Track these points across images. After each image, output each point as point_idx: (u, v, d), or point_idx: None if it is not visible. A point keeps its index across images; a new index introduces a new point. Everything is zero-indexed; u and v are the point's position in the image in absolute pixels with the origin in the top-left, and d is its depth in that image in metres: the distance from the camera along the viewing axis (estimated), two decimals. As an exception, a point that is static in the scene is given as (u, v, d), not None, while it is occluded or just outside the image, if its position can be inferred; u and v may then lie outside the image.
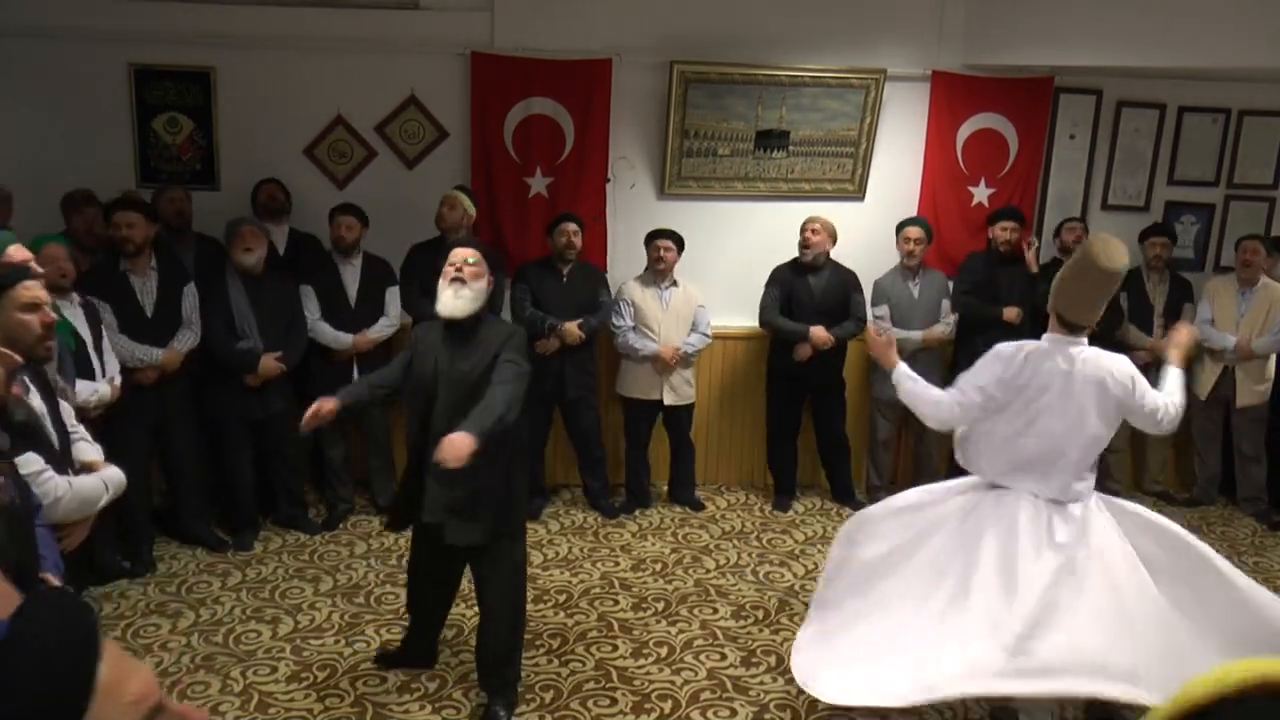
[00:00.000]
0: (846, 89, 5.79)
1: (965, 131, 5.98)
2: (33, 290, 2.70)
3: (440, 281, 3.55)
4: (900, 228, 5.76)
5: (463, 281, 3.50)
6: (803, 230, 5.59)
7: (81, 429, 3.11)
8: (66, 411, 3.03)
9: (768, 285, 5.67)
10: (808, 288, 5.61)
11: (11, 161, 5.18)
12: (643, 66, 5.65)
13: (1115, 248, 3.26)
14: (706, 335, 5.66)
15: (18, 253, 3.20)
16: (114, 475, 2.98)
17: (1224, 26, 5.20)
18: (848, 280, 5.66)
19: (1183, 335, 3.58)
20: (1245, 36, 5.17)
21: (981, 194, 6.06)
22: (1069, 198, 6.21)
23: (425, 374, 3.53)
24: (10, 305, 2.64)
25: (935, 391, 3.47)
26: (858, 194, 6.03)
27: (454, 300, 3.51)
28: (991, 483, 3.48)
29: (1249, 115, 6.19)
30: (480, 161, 5.66)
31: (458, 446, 3.07)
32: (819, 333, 5.50)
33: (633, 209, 5.88)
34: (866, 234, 5.86)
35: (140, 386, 4.62)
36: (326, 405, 3.49)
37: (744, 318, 5.85)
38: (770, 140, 5.85)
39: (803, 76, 5.73)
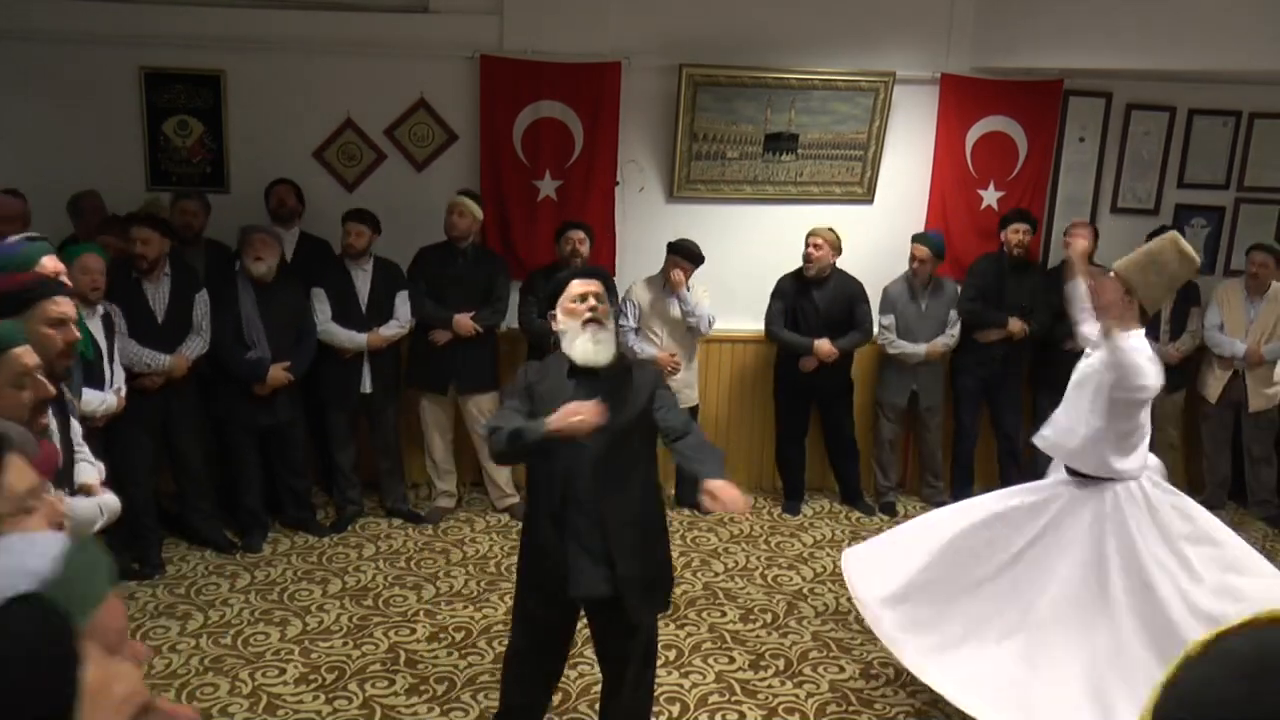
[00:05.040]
0: (855, 92, 5.78)
1: (974, 134, 5.97)
2: (61, 306, 2.71)
3: (567, 322, 3.07)
4: (912, 241, 5.73)
5: (599, 323, 3.05)
6: (805, 244, 5.55)
7: (85, 449, 3.07)
8: (75, 431, 3.01)
9: (773, 297, 5.65)
10: (811, 300, 5.58)
11: (22, 164, 5.19)
12: (652, 70, 5.65)
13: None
14: (711, 319, 5.53)
15: (51, 264, 3.18)
16: (110, 502, 2.90)
17: (1234, 29, 5.18)
18: (853, 291, 5.61)
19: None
20: (1256, 39, 5.15)
21: (991, 197, 6.04)
22: (1078, 201, 6.19)
23: None
24: (38, 319, 2.64)
25: None
26: (867, 197, 6.01)
27: (593, 347, 3.03)
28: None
29: (1259, 118, 6.16)
30: (489, 165, 5.67)
31: (737, 496, 2.97)
32: (823, 346, 5.49)
33: (642, 212, 5.88)
34: (875, 237, 5.85)
35: (145, 390, 4.63)
36: None
37: (753, 321, 5.83)
38: (779, 143, 5.84)
39: (811, 79, 5.73)
